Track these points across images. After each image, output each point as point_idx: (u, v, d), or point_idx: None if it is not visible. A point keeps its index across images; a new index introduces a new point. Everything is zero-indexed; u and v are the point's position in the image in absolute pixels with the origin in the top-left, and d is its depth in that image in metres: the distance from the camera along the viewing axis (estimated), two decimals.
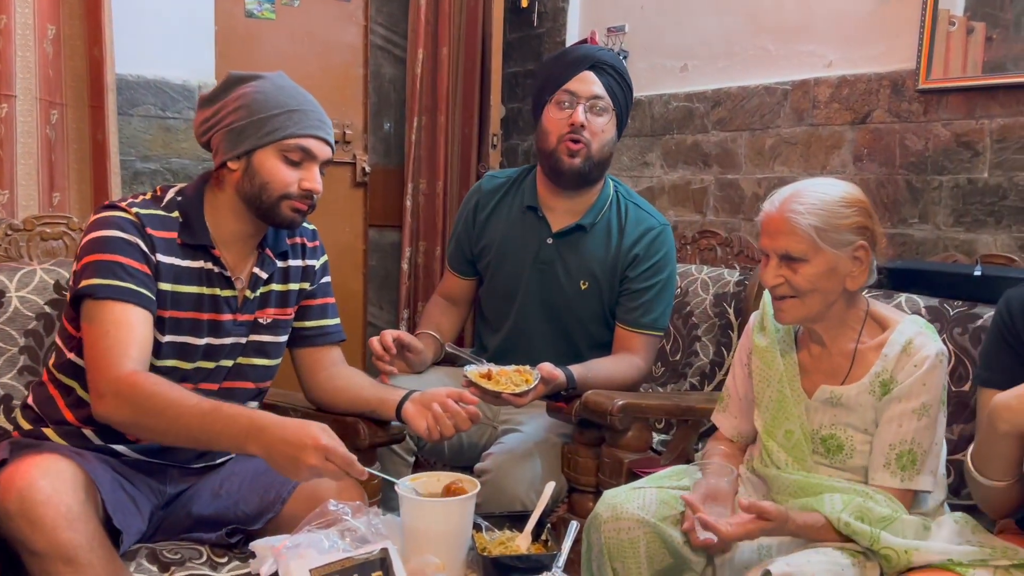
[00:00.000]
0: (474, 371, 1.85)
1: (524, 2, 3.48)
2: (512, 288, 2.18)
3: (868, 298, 1.65)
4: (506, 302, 2.19)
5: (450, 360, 2.23)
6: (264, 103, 1.59)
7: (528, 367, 1.88)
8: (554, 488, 1.63)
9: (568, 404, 1.95)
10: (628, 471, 1.86)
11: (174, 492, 1.64)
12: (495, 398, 1.82)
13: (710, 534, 1.45)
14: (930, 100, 2.37)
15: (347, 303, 3.32)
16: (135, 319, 1.50)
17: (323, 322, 1.81)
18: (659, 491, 1.61)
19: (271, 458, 1.40)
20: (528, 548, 1.53)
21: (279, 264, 1.72)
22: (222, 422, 1.43)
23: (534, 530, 1.55)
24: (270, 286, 1.70)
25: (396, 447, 2.02)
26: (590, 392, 1.90)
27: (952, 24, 2.30)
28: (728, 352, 2.27)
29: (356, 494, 1.59)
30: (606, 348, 2.14)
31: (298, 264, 1.76)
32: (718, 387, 2.19)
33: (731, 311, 2.28)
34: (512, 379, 1.84)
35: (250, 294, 1.67)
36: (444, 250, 3.29)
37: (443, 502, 1.51)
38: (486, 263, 2.24)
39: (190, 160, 2.80)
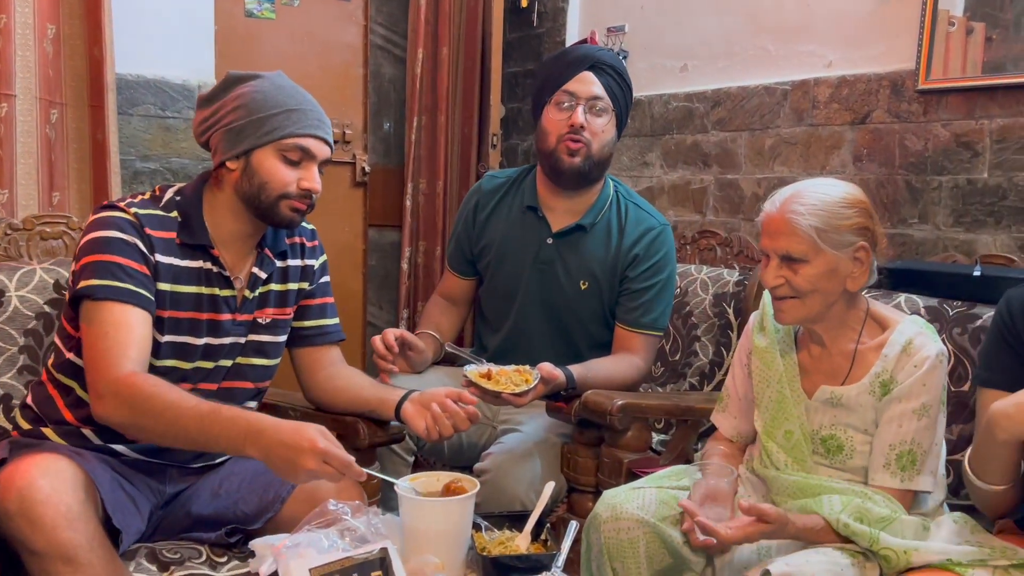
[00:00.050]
0: (474, 371, 1.85)
1: (524, 2, 3.48)
2: (512, 288, 2.18)
3: (868, 298, 1.64)
4: (506, 302, 2.19)
5: (450, 360, 2.23)
6: (263, 103, 1.59)
7: (528, 367, 1.88)
8: (554, 488, 1.63)
9: (568, 404, 1.95)
10: (627, 471, 1.85)
11: (173, 492, 1.64)
12: (495, 398, 1.82)
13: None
14: (930, 100, 2.37)
15: (347, 303, 3.32)
16: (134, 320, 1.50)
17: (322, 322, 1.81)
18: (659, 491, 1.60)
19: (269, 461, 1.40)
20: (528, 548, 1.53)
21: (278, 264, 1.72)
22: (220, 425, 1.42)
23: (534, 530, 1.55)
24: (269, 286, 1.70)
25: (396, 447, 2.02)
26: (590, 392, 1.90)
27: (952, 24, 2.30)
28: (727, 352, 2.27)
29: (355, 494, 1.59)
30: (606, 348, 2.14)
31: (297, 264, 1.75)
32: (717, 387, 2.19)
33: (731, 311, 2.28)
34: (512, 379, 1.84)
35: (249, 294, 1.67)
36: (444, 250, 3.28)
37: (442, 502, 1.51)
38: (486, 263, 2.23)
39: (190, 160, 2.80)
